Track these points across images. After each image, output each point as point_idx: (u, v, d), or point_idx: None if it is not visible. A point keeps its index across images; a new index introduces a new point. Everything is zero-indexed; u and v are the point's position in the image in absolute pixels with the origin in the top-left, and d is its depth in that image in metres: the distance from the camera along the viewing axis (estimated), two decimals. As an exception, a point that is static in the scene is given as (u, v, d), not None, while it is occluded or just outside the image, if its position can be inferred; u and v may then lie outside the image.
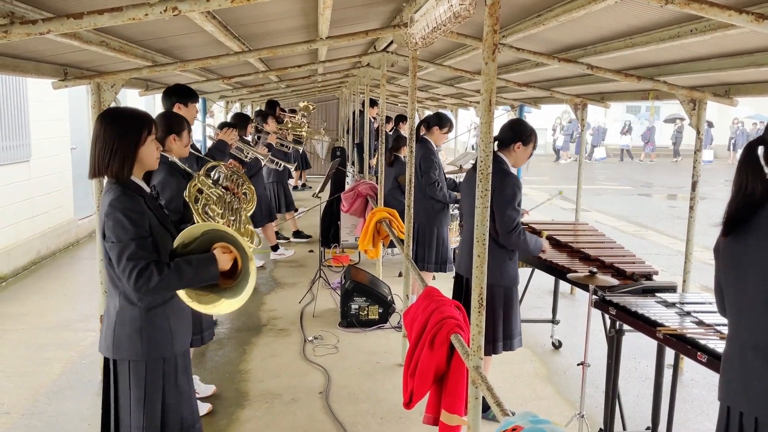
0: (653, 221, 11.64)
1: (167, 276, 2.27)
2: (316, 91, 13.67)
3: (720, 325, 2.74)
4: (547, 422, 1.96)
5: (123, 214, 2.27)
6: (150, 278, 2.24)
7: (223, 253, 2.41)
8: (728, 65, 3.72)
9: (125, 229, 2.26)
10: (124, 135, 2.36)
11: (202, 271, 2.35)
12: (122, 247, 2.24)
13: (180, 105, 4.17)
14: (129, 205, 2.30)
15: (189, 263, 2.33)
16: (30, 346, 4.95)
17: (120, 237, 2.26)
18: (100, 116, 2.42)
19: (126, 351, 2.41)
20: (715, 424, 3.96)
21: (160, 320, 2.45)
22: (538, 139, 3.88)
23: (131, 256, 2.24)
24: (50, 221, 7.95)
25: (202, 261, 2.36)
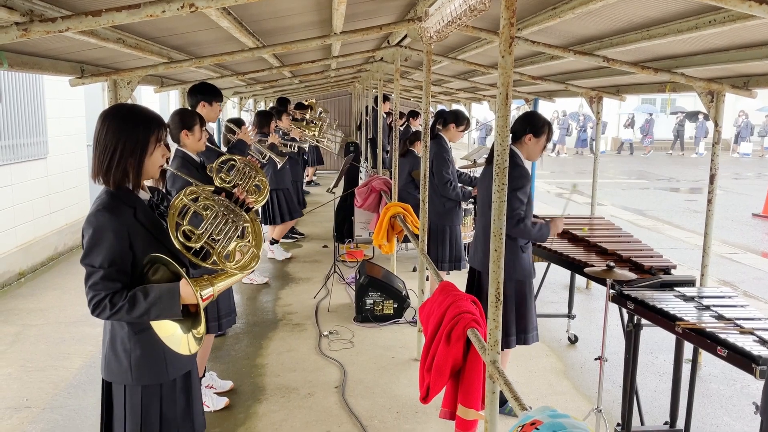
0: (668, 215, 11.55)
1: (119, 310, 2.06)
2: (329, 87, 13.67)
3: (740, 319, 2.72)
4: (566, 416, 1.95)
5: (95, 235, 2.06)
6: (104, 310, 2.06)
7: (187, 285, 2.06)
8: (747, 57, 3.67)
9: (97, 252, 2.05)
10: (129, 139, 2.12)
11: (160, 306, 2.06)
12: (88, 272, 2.08)
13: (204, 103, 4.22)
14: (107, 222, 2.06)
15: (146, 296, 2.06)
16: (50, 341, 5.01)
17: (89, 259, 2.06)
18: (105, 114, 2.16)
19: (119, 376, 2.23)
20: (733, 419, 3.94)
21: (150, 345, 2.21)
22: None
23: (93, 285, 2.06)
24: (67, 218, 8.03)
25: (163, 294, 2.06)
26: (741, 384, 4.41)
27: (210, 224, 2.27)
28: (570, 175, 17.85)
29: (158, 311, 2.06)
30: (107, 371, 2.26)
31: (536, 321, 3.78)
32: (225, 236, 2.29)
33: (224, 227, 2.30)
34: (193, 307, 2.13)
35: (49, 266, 7.31)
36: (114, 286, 2.07)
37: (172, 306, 2.06)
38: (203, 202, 2.31)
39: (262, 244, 2.41)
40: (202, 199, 2.32)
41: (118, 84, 4.08)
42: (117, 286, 2.07)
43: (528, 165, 3.78)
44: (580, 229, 4.70)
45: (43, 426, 3.73)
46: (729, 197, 13.50)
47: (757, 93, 4.38)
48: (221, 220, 2.31)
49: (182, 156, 3.63)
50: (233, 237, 2.31)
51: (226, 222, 2.32)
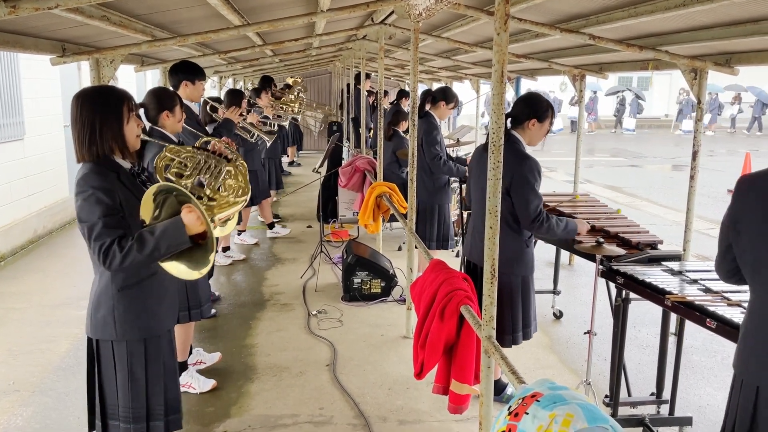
0: (646, 192, 11.72)
1: (129, 250, 2.14)
2: (309, 65, 13.53)
3: (727, 291, 2.79)
4: (565, 388, 2.00)
5: (89, 193, 2.19)
6: (114, 256, 2.14)
7: (189, 213, 2.17)
8: (731, 34, 3.71)
9: (91, 209, 2.18)
10: (104, 112, 2.27)
11: (167, 238, 2.14)
12: (89, 228, 2.18)
13: (187, 82, 4.14)
14: (96, 182, 2.20)
15: (152, 233, 2.15)
16: (35, 324, 4.96)
17: (86, 217, 2.18)
18: (77, 96, 2.30)
19: (104, 332, 2.36)
20: (715, 389, 4.06)
21: (134, 301, 2.36)
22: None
23: (97, 237, 2.16)
24: (46, 200, 7.90)
25: (168, 227, 2.15)
26: (722, 356, 4.53)
27: (195, 169, 2.45)
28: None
29: (167, 243, 2.15)
30: (93, 329, 2.40)
31: (536, 311, 3.63)
32: (212, 174, 2.47)
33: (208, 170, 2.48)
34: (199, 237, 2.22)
35: (30, 249, 7.20)
36: (117, 232, 2.18)
37: (179, 235, 2.15)
38: (184, 155, 2.48)
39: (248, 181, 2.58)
40: (184, 154, 2.49)
41: (100, 63, 4.00)
42: (120, 231, 2.19)
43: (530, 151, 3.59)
44: (572, 200, 4.75)
45: (34, 409, 3.71)
46: (704, 174, 13.72)
47: (739, 70, 4.44)
48: (204, 165, 2.48)
49: (160, 136, 3.50)
50: (219, 175, 2.48)
51: (209, 166, 2.49)
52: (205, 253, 2.21)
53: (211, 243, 2.19)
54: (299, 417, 3.62)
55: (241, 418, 3.60)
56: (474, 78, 10.07)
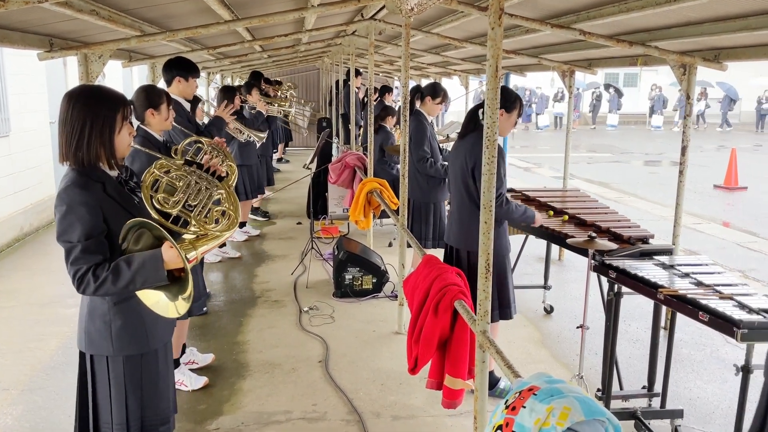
0: (633, 187, 11.80)
1: (103, 282, 2.05)
2: (297, 61, 13.48)
3: (719, 285, 2.81)
4: (562, 382, 2.00)
5: (68, 211, 2.05)
6: (88, 285, 2.06)
7: (170, 249, 2.05)
8: (721, 29, 3.74)
9: (71, 228, 2.05)
10: (96, 118, 2.12)
11: (144, 273, 2.05)
12: (66, 250, 2.07)
13: (180, 78, 4.11)
14: (78, 197, 2.06)
15: (128, 264, 2.05)
16: (23, 323, 4.91)
17: (65, 236, 2.06)
18: (70, 95, 2.15)
19: (100, 347, 2.25)
20: (705, 382, 4.09)
21: (130, 315, 2.24)
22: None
23: (73, 261, 2.06)
24: (32, 197, 7.82)
25: (146, 261, 2.05)
26: (711, 349, 4.58)
27: (184, 192, 2.30)
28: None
29: (143, 278, 2.06)
30: (88, 344, 2.27)
31: (514, 295, 3.77)
32: (201, 202, 2.32)
33: (199, 194, 2.33)
34: (178, 272, 2.13)
35: (16, 247, 7.12)
36: (95, 259, 2.07)
37: (156, 271, 2.05)
38: (174, 173, 2.33)
39: (239, 208, 2.43)
40: (174, 171, 2.34)
41: (89, 58, 3.95)
42: (98, 258, 2.08)
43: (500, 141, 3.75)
44: (554, 207, 4.78)
45: (24, 407, 3.67)
46: (691, 169, 13.84)
47: (728, 66, 4.47)
48: (195, 188, 2.33)
49: (144, 135, 3.42)
50: (209, 203, 2.34)
51: (200, 189, 2.34)
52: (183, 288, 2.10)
53: (187, 282, 2.08)
54: (292, 413, 3.61)
55: (234, 415, 3.59)
56: (463, 74, 10.08)
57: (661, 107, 25.82)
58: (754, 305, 2.58)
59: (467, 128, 3.69)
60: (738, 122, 27.53)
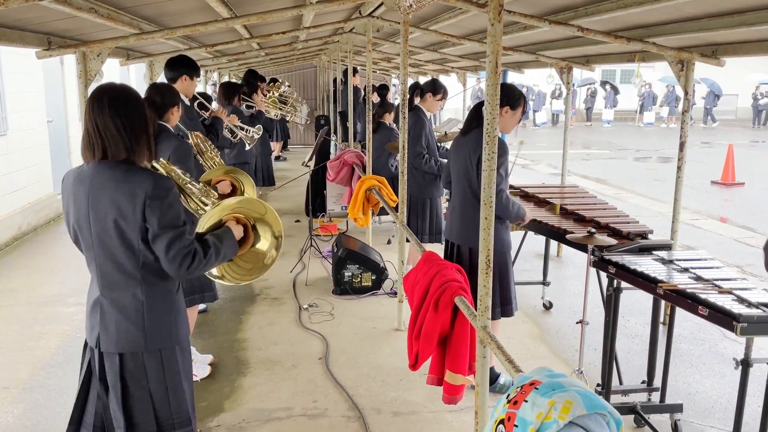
0: (630, 183, 11.82)
1: (210, 256, 2.25)
2: (294, 59, 13.47)
3: (718, 280, 2.83)
4: (563, 376, 2.02)
5: (172, 200, 2.19)
6: (199, 262, 2.21)
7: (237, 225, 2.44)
8: (719, 25, 3.75)
9: (175, 217, 2.17)
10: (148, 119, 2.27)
11: (229, 245, 2.35)
12: (174, 236, 2.15)
13: (186, 77, 4.18)
14: (172, 187, 2.21)
15: (219, 239, 2.31)
16: (23, 322, 4.91)
17: (173, 221, 2.17)
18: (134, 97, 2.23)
19: (160, 341, 2.26)
20: (704, 377, 4.11)
21: (182, 303, 2.41)
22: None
23: (184, 245, 2.16)
24: (30, 196, 7.80)
25: (225, 235, 2.35)
26: (709, 344, 4.60)
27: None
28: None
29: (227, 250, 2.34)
30: (148, 343, 2.24)
31: (515, 292, 3.78)
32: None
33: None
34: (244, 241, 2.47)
35: (14, 246, 7.11)
36: (193, 239, 2.25)
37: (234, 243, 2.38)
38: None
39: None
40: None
41: (87, 56, 3.95)
42: (192, 238, 2.26)
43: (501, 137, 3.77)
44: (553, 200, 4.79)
45: (24, 406, 3.67)
46: (689, 165, 13.88)
47: (725, 61, 4.48)
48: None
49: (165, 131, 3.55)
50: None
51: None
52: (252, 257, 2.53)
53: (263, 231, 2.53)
54: (293, 410, 3.62)
55: (235, 412, 3.60)
56: (461, 71, 10.08)
57: (650, 104, 25.87)
58: (753, 299, 2.59)
59: (471, 125, 3.65)
60: (735, 118, 27.58)
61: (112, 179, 2.14)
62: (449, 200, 3.99)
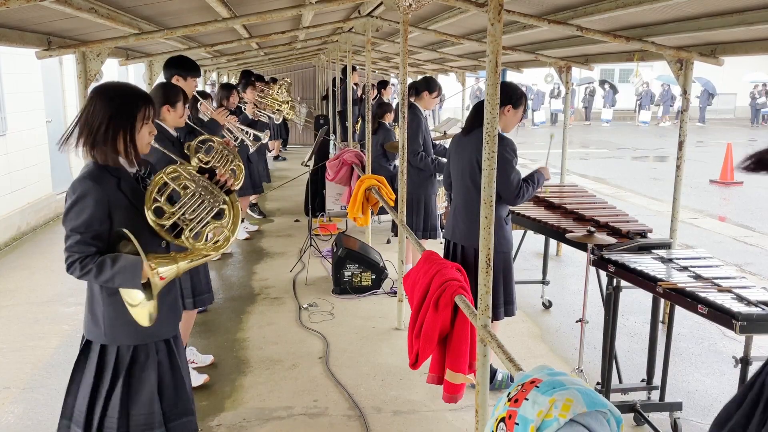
0: (629, 182, 11.84)
1: (88, 272, 2.17)
2: (293, 59, 13.48)
3: (717, 278, 2.84)
4: (564, 374, 2.03)
5: (76, 201, 2.17)
6: (74, 271, 2.18)
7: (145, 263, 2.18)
8: (716, 24, 3.76)
9: (76, 216, 2.17)
10: (118, 116, 2.21)
11: (123, 275, 2.16)
12: (66, 235, 2.20)
13: (179, 77, 4.15)
14: (88, 189, 2.17)
15: (113, 264, 2.16)
16: (23, 321, 4.91)
17: (68, 222, 2.18)
18: (96, 90, 2.24)
19: (96, 334, 2.34)
20: (703, 375, 4.12)
21: (121, 306, 2.26)
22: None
23: (68, 247, 2.18)
24: (29, 196, 7.80)
25: (127, 265, 2.15)
26: (708, 342, 4.61)
27: (185, 204, 2.35)
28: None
29: (121, 280, 2.19)
30: (86, 329, 2.38)
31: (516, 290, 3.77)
32: (197, 216, 2.36)
33: (199, 207, 2.37)
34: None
35: (14, 246, 7.11)
36: (87, 250, 2.18)
37: (133, 278, 2.17)
38: (183, 182, 2.38)
39: (238, 226, 2.45)
40: (183, 178, 2.38)
41: (87, 56, 3.95)
42: (91, 250, 2.19)
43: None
44: (553, 199, 4.80)
45: (25, 406, 3.68)
46: (687, 164, 13.89)
47: (724, 60, 4.49)
48: (197, 200, 2.38)
49: (159, 129, 3.55)
50: (206, 218, 2.38)
51: (202, 202, 2.38)
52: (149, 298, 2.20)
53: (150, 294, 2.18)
54: (294, 409, 3.62)
55: (235, 411, 3.60)
56: (460, 71, 10.08)
57: (648, 103, 25.89)
58: (753, 297, 2.60)
59: (473, 124, 3.62)
60: (733, 117, 27.61)
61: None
62: (449, 200, 4.00)
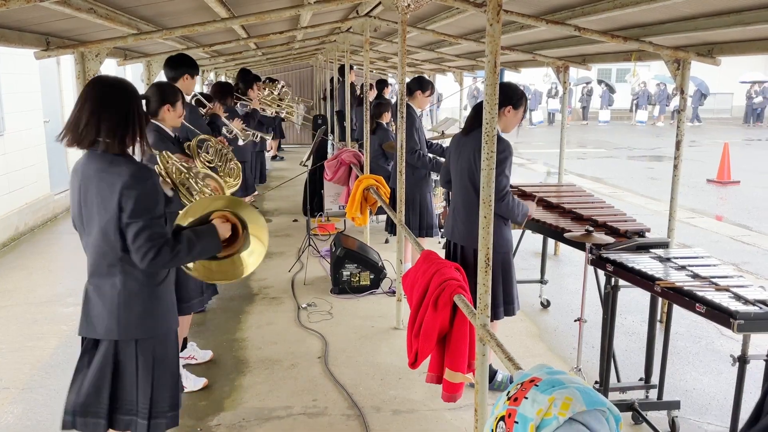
0: (627, 182, 11.86)
1: (179, 252, 2.27)
2: (291, 59, 13.48)
3: (715, 277, 2.85)
4: (563, 373, 2.04)
5: (150, 189, 2.22)
6: (166, 256, 2.23)
7: (223, 223, 2.47)
8: (713, 24, 3.78)
9: (147, 207, 2.20)
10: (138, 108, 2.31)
11: (208, 243, 2.38)
12: (142, 226, 2.18)
13: (188, 76, 4.19)
14: (150, 176, 2.25)
15: (197, 236, 2.35)
16: (22, 322, 4.91)
17: (144, 211, 2.19)
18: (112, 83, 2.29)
19: (135, 330, 2.34)
20: (701, 374, 4.13)
21: (167, 294, 2.43)
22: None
23: (152, 235, 2.19)
24: (27, 197, 7.79)
25: (206, 232, 2.39)
26: (706, 341, 4.63)
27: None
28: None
29: (208, 245, 2.39)
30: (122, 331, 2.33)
31: (517, 290, 3.75)
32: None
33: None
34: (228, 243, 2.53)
35: (12, 247, 7.10)
36: (167, 233, 2.28)
37: (214, 239, 2.41)
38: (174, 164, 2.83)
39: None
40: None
41: (85, 56, 3.95)
42: (168, 233, 2.29)
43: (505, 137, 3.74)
44: (551, 199, 4.81)
45: (24, 406, 3.68)
46: (684, 164, 13.91)
47: (721, 60, 4.51)
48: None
49: (157, 130, 3.54)
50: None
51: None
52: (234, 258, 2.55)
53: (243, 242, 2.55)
54: (293, 409, 3.63)
55: (234, 411, 3.61)
56: (457, 71, 10.10)
57: (645, 102, 25.94)
58: (750, 296, 2.62)
59: (473, 124, 3.60)
60: (730, 117, 27.66)
61: (97, 170, 2.24)
62: (447, 199, 4.02)
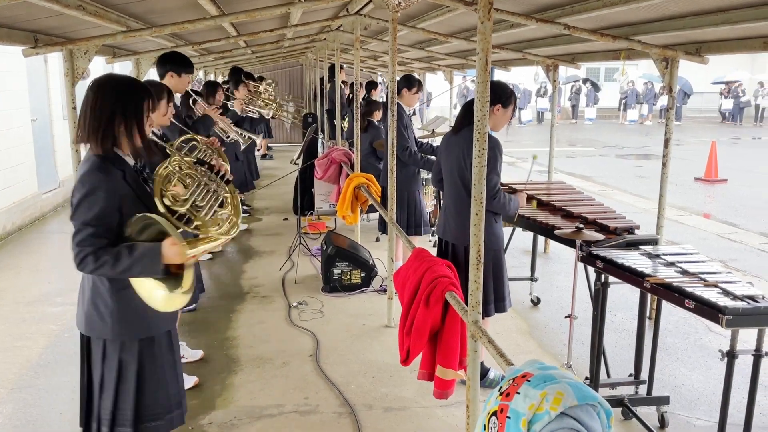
0: (615, 180, 11.93)
1: (103, 264, 2.14)
2: (281, 57, 13.45)
3: (703, 273, 2.88)
4: (554, 368, 2.06)
5: (89, 193, 2.15)
6: (87, 264, 2.14)
7: (172, 246, 2.13)
8: (701, 23, 3.81)
9: (88, 209, 2.14)
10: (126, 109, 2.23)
11: (142, 263, 2.14)
12: (77, 229, 2.16)
13: (173, 73, 4.13)
14: (99, 182, 2.15)
15: (130, 252, 2.14)
16: (10, 322, 4.87)
17: (79, 216, 2.15)
18: (100, 83, 2.24)
19: (99, 330, 2.32)
20: (689, 369, 4.17)
21: (133, 300, 2.26)
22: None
23: (80, 241, 2.14)
24: (14, 196, 7.72)
25: (147, 252, 2.14)
26: (694, 337, 4.67)
27: (193, 193, 2.39)
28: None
29: (140, 268, 2.16)
30: (87, 326, 2.35)
31: (509, 288, 3.78)
32: (208, 203, 2.41)
33: (207, 195, 2.42)
34: (176, 267, 2.20)
35: (-1, 246, 7.05)
36: (100, 242, 2.16)
37: (154, 264, 2.15)
38: (187, 171, 2.44)
39: (240, 213, 2.52)
40: (186, 169, 2.44)
41: (74, 54, 3.93)
42: (103, 242, 2.17)
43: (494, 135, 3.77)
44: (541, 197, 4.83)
45: (13, 406, 3.65)
46: (672, 162, 13.99)
47: (709, 59, 4.55)
48: (204, 189, 2.43)
49: None
50: (215, 205, 2.43)
51: (209, 191, 2.44)
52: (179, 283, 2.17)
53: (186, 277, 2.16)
54: (284, 407, 3.63)
55: (226, 409, 3.60)
56: (447, 69, 10.11)
57: (634, 101, 26.10)
58: (738, 292, 2.65)
59: (462, 122, 3.62)
60: (717, 116, 27.87)
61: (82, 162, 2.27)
62: (437, 197, 4.03)
